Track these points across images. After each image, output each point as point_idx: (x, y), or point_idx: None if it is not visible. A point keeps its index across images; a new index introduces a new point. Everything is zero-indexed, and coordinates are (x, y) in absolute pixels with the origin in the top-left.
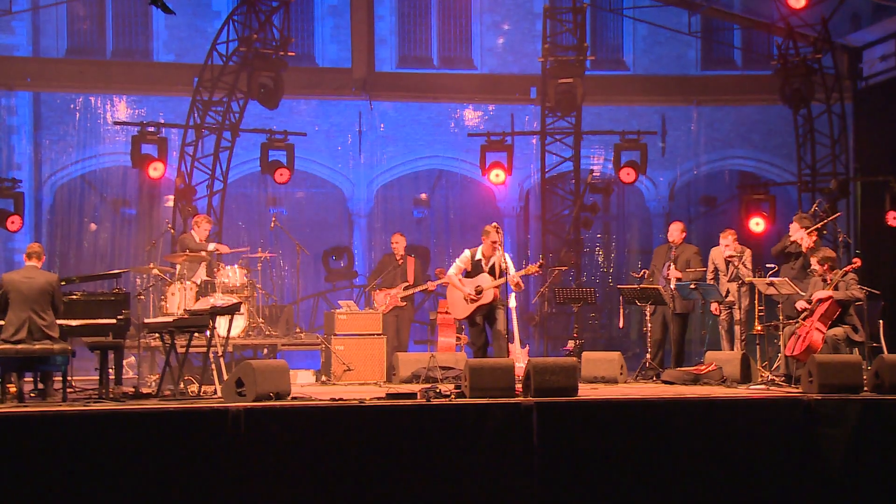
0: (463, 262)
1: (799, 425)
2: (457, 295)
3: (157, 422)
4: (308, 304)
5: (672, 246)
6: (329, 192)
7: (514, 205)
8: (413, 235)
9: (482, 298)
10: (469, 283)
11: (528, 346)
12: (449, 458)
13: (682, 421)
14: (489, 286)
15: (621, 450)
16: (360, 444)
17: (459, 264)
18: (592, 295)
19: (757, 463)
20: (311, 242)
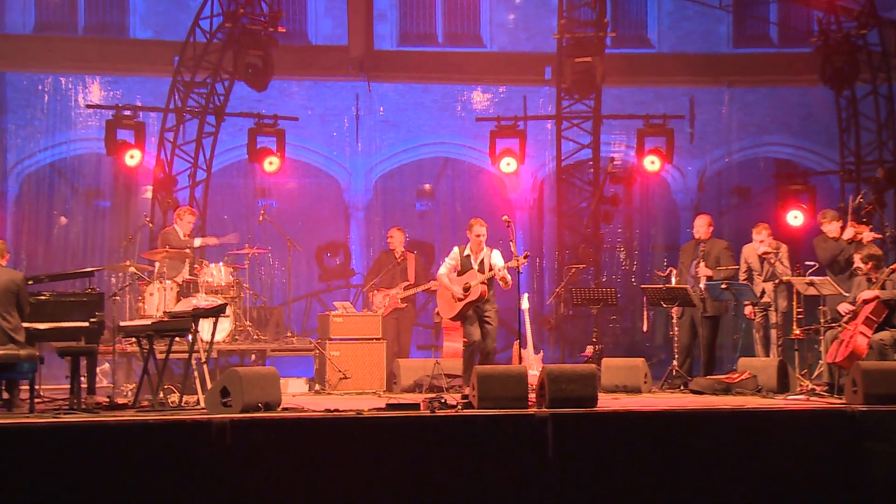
0: (453, 259)
1: (843, 440)
2: (446, 295)
3: (134, 435)
4: (300, 305)
5: (700, 242)
6: (323, 182)
7: (526, 196)
8: (416, 230)
9: (469, 295)
10: (458, 281)
11: (543, 352)
12: (455, 475)
13: (712, 435)
14: (476, 282)
15: (645, 466)
16: (357, 459)
17: (450, 262)
18: (613, 296)
19: (796, 482)
20: (303, 238)
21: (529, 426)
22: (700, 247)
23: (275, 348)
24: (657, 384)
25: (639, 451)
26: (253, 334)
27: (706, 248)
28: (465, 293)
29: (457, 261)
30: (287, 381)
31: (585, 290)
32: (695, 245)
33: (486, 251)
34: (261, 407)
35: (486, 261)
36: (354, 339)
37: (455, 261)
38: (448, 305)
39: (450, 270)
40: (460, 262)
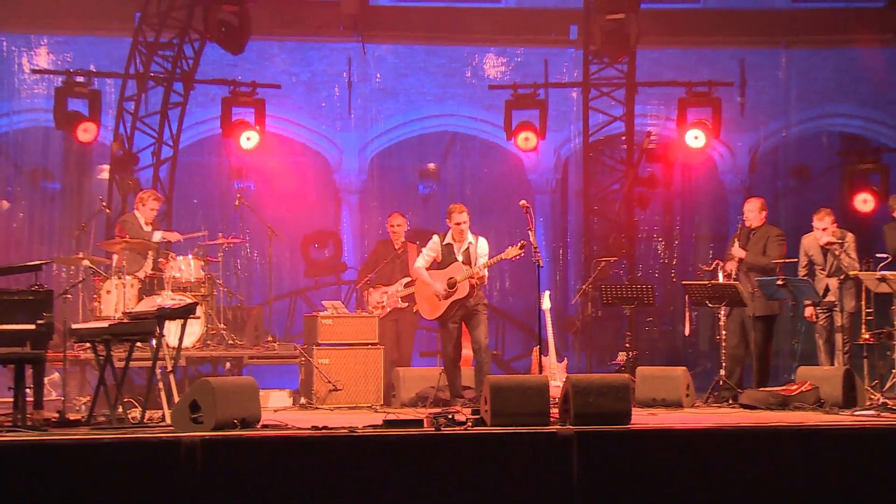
0: (432, 250)
1: None
2: (426, 291)
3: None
4: (283, 304)
5: (751, 230)
6: (310, 161)
7: (548, 177)
8: (419, 217)
9: (456, 293)
10: (440, 276)
11: (567, 360)
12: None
13: (766, 457)
14: (463, 277)
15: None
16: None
17: (428, 254)
18: (650, 293)
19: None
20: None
21: (551, 446)
22: (751, 236)
23: (253, 355)
24: (701, 397)
25: (680, 475)
26: (228, 339)
27: (758, 238)
28: (451, 290)
29: (437, 252)
30: (268, 394)
31: (617, 288)
32: (746, 234)
33: (470, 239)
34: (237, 424)
35: (472, 250)
36: (346, 345)
37: (435, 252)
38: (429, 303)
39: (427, 262)
40: (440, 252)
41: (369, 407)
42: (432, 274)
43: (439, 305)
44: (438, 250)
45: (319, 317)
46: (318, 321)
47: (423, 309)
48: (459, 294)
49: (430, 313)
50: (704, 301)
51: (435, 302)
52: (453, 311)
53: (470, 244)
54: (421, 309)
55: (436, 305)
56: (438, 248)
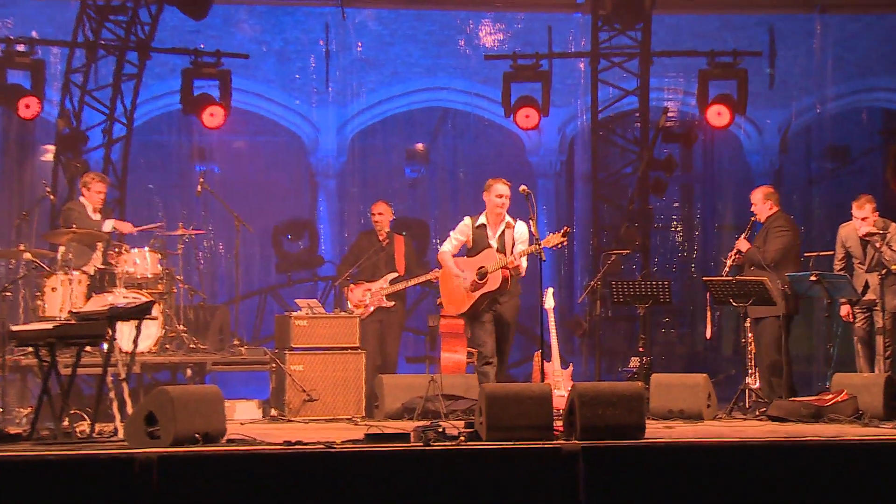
0: (462, 234)
1: None
2: (452, 282)
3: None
4: (251, 303)
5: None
6: (282, 140)
7: (551, 159)
8: (405, 204)
9: (486, 285)
10: (468, 264)
11: (573, 366)
12: None
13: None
14: (495, 267)
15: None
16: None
17: (457, 238)
18: (666, 291)
19: None
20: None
21: (555, 464)
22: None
23: (217, 361)
24: (724, 408)
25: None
26: (188, 342)
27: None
28: (481, 281)
29: (467, 236)
30: (234, 405)
31: (629, 284)
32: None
33: (508, 223)
34: (199, 438)
35: (509, 236)
36: (323, 349)
37: (465, 235)
38: (455, 296)
39: (455, 248)
40: (472, 236)
41: (349, 419)
42: (460, 262)
43: (465, 299)
44: (469, 233)
45: (293, 317)
46: (291, 322)
47: (447, 302)
48: (490, 286)
49: (454, 307)
50: (728, 299)
51: (460, 294)
52: (483, 306)
53: (508, 227)
54: (445, 302)
55: (461, 298)
56: (469, 231)
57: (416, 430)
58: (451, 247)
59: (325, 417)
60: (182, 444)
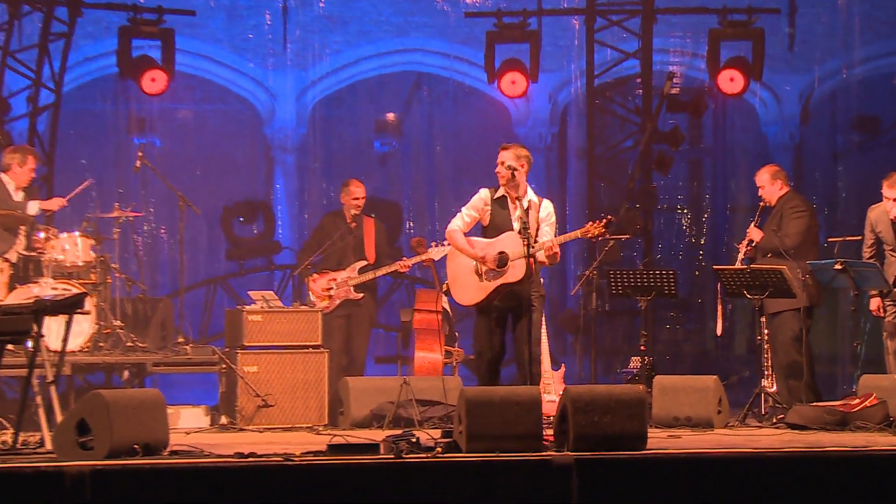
0: (474, 209)
1: None
2: (463, 265)
3: None
4: (198, 296)
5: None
6: (233, 110)
7: (541, 131)
8: (374, 182)
9: (506, 274)
10: (485, 246)
11: (565, 367)
12: None
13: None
14: (519, 253)
15: None
16: None
17: (469, 214)
18: (672, 281)
19: None
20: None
21: (545, 478)
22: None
23: (159, 361)
24: (738, 415)
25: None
26: (126, 340)
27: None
28: (501, 269)
29: (480, 210)
30: (178, 411)
31: (630, 274)
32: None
33: (532, 201)
34: (138, 450)
35: (534, 215)
36: (281, 348)
37: (478, 211)
38: (465, 283)
39: (468, 224)
40: (490, 212)
41: (310, 428)
42: (473, 244)
43: (479, 289)
44: (485, 208)
45: (245, 311)
46: (243, 317)
47: (457, 290)
48: (511, 276)
49: (465, 297)
50: (742, 291)
51: (473, 282)
52: (498, 299)
53: (531, 206)
54: (453, 290)
55: (474, 287)
56: (484, 206)
57: (386, 440)
58: (463, 223)
59: (283, 426)
60: (118, 456)
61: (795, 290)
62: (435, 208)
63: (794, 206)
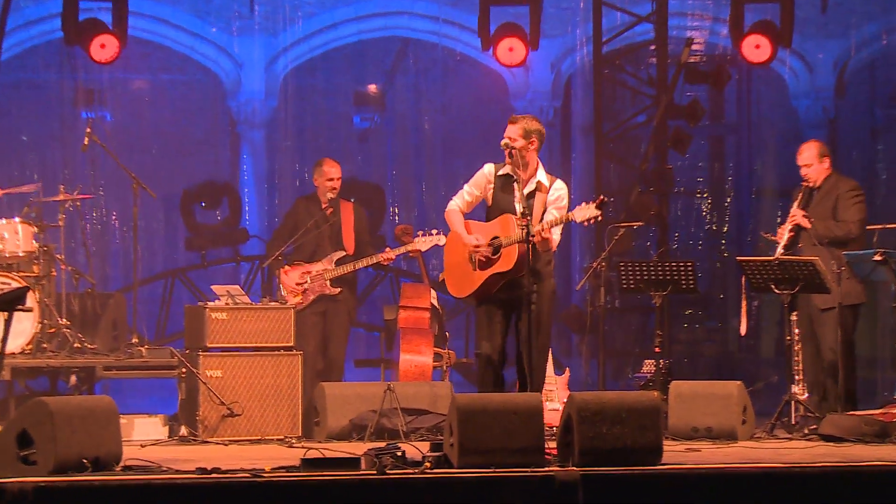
0: (477, 186)
1: None
2: (459, 252)
3: None
4: (154, 290)
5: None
6: (194, 80)
7: (542, 105)
8: (354, 162)
9: (498, 262)
10: (483, 231)
11: (569, 371)
12: None
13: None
14: (512, 239)
15: None
16: None
17: (472, 190)
18: (690, 275)
19: None
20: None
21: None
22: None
23: (111, 365)
24: (764, 425)
25: None
26: (73, 340)
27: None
28: (493, 256)
29: (482, 187)
30: (132, 421)
31: (643, 266)
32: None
33: (541, 178)
34: (87, 465)
35: (542, 197)
36: (249, 350)
37: (480, 188)
38: (458, 272)
39: (468, 204)
40: (492, 191)
41: (281, 440)
42: (473, 227)
43: (471, 278)
44: (488, 185)
45: (208, 308)
46: (205, 315)
47: (450, 279)
48: (502, 265)
49: (458, 288)
50: (769, 285)
51: (466, 270)
52: (495, 289)
53: (539, 188)
54: (448, 281)
55: (466, 277)
56: (487, 184)
57: (367, 453)
58: (463, 202)
59: (251, 438)
60: (65, 471)
61: (829, 284)
62: (422, 192)
63: (851, 188)
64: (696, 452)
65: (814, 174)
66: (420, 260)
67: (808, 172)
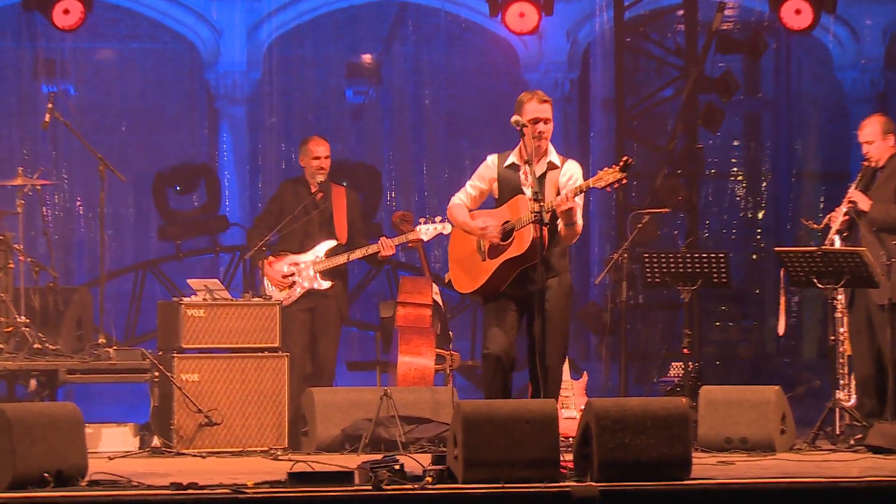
0: (481, 179)
1: None
2: (466, 246)
3: None
4: (123, 284)
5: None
6: (168, 49)
7: (557, 77)
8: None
9: (511, 247)
10: (490, 217)
11: (587, 375)
12: None
13: None
14: (524, 222)
15: None
16: None
17: (476, 183)
18: (722, 267)
19: None
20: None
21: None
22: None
23: (75, 367)
24: (806, 435)
25: None
26: (33, 341)
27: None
28: (504, 242)
29: (487, 180)
30: (99, 431)
31: (669, 258)
32: (871, 175)
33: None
34: (49, 479)
35: (552, 180)
36: (229, 351)
37: (486, 181)
38: (467, 266)
39: (473, 199)
40: (497, 182)
41: (266, 452)
42: (479, 217)
43: (481, 269)
44: (492, 177)
45: (184, 305)
46: (181, 312)
47: (457, 276)
48: (515, 249)
49: (467, 283)
50: (811, 279)
51: (474, 262)
52: (507, 282)
53: (551, 167)
54: (454, 277)
55: (476, 269)
56: (493, 174)
57: (362, 467)
58: (466, 197)
59: (232, 449)
60: (24, 486)
61: (878, 278)
62: (423, 175)
63: None
64: (729, 466)
65: (876, 152)
66: (421, 251)
67: (869, 150)
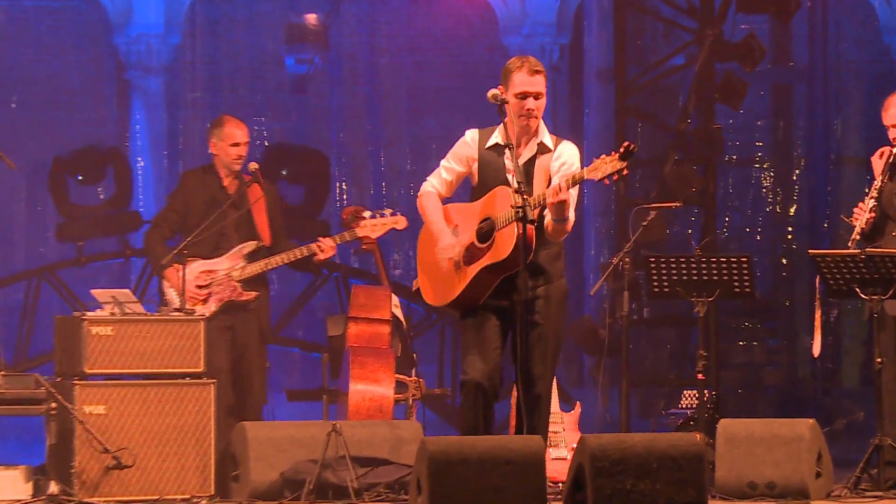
0: (458, 159)
1: None
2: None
3: None
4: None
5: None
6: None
7: (544, 41)
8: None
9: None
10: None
11: (580, 406)
12: None
13: None
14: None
15: None
16: None
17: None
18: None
19: None
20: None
21: None
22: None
23: None
24: (846, 479)
25: None
26: None
27: None
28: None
29: (467, 161)
30: None
31: (681, 262)
32: None
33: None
34: None
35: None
36: (143, 378)
37: (464, 161)
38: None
39: (448, 186)
40: (478, 163)
41: (187, 500)
42: (452, 210)
43: (454, 278)
44: (471, 156)
45: (87, 320)
46: (83, 329)
47: (426, 284)
48: (497, 254)
49: (436, 293)
50: (853, 289)
51: (447, 270)
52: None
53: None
54: (423, 285)
55: (448, 277)
56: (472, 153)
57: None
58: (440, 182)
59: (146, 498)
60: None
61: None
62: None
63: None
64: None
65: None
66: (377, 254)
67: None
